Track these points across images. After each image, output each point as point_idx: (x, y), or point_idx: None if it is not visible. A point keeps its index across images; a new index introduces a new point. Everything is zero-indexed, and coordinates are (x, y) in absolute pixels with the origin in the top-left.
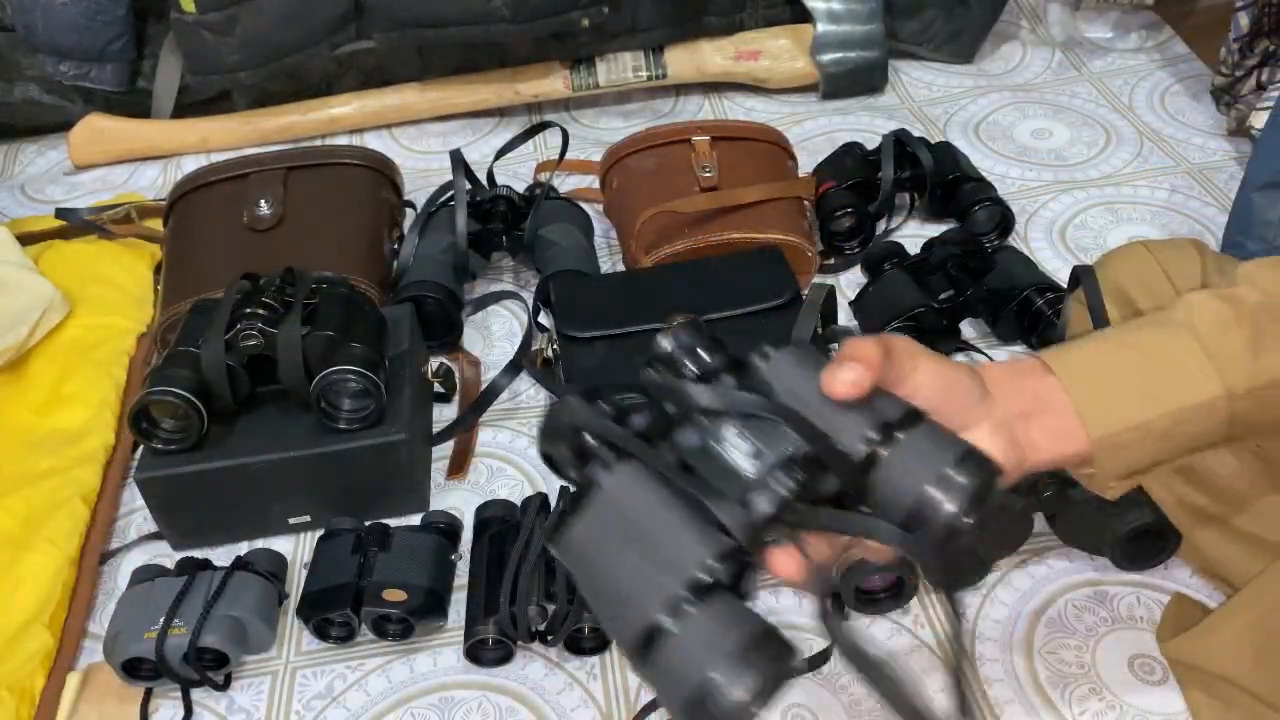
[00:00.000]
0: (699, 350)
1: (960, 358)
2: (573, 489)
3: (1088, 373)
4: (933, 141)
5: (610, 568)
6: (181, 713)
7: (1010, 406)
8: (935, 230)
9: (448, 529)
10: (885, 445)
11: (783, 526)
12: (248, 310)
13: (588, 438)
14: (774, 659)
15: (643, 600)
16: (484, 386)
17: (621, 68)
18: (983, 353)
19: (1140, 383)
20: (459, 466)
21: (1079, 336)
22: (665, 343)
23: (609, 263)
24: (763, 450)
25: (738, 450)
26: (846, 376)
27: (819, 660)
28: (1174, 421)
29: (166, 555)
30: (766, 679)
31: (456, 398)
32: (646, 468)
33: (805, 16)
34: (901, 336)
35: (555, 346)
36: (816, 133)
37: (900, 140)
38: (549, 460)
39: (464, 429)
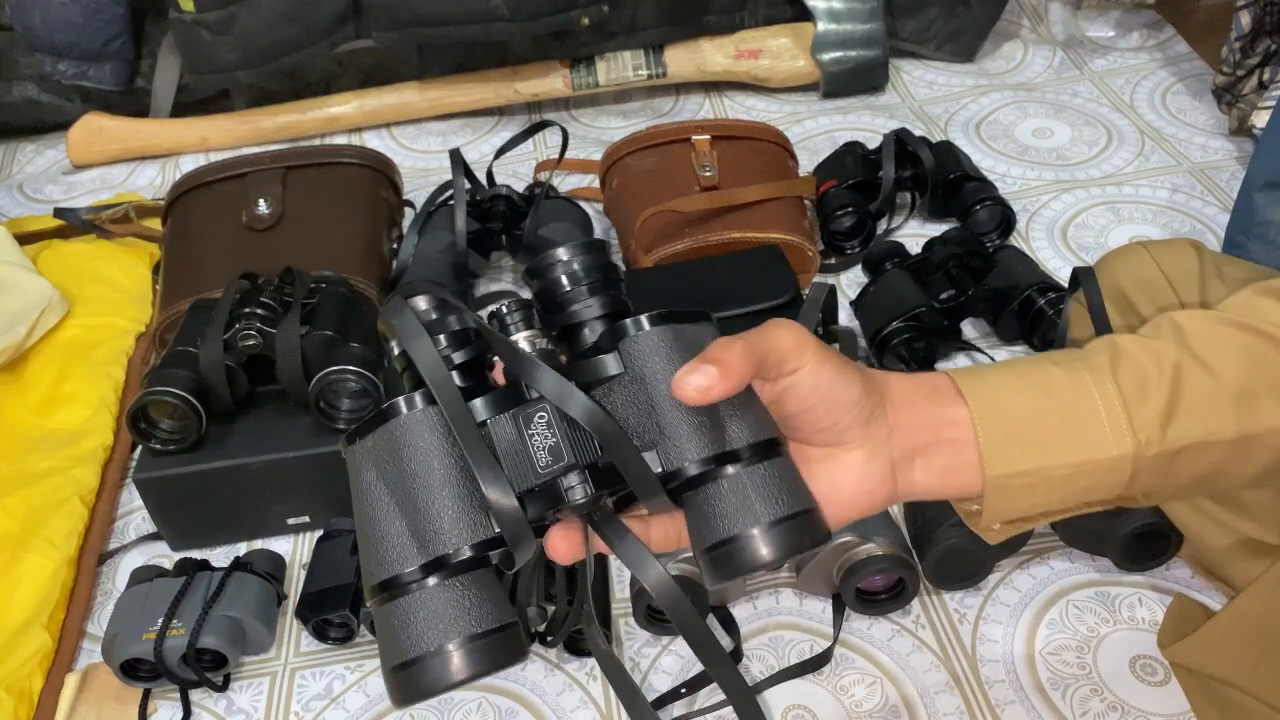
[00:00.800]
0: (578, 276)
1: (962, 358)
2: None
3: (999, 408)
4: (934, 141)
5: (374, 505)
6: (180, 714)
7: (902, 439)
8: (936, 230)
9: None
10: (714, 477)
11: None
12: (246, 310)
13: (410, 352)
14: (493, 653)
15: (392, 554)
16: None
17: (621, 67)
18: (984, 352)
19: (1048, 427)
20: None
21: (996, 364)
22: (553, 259)
23: None
24: (564, 451)
25: (540, 441)
26: (697, 382)
27: (819, 661)
28: (1074, 473)
29: (165, 556)
30: (479, 669)
31: None
32: (447, 422)
33: (806, 15)
34: (797, 329)
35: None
36: (817, 132)
37: (901, 139)
38: (383, 338)
39: None
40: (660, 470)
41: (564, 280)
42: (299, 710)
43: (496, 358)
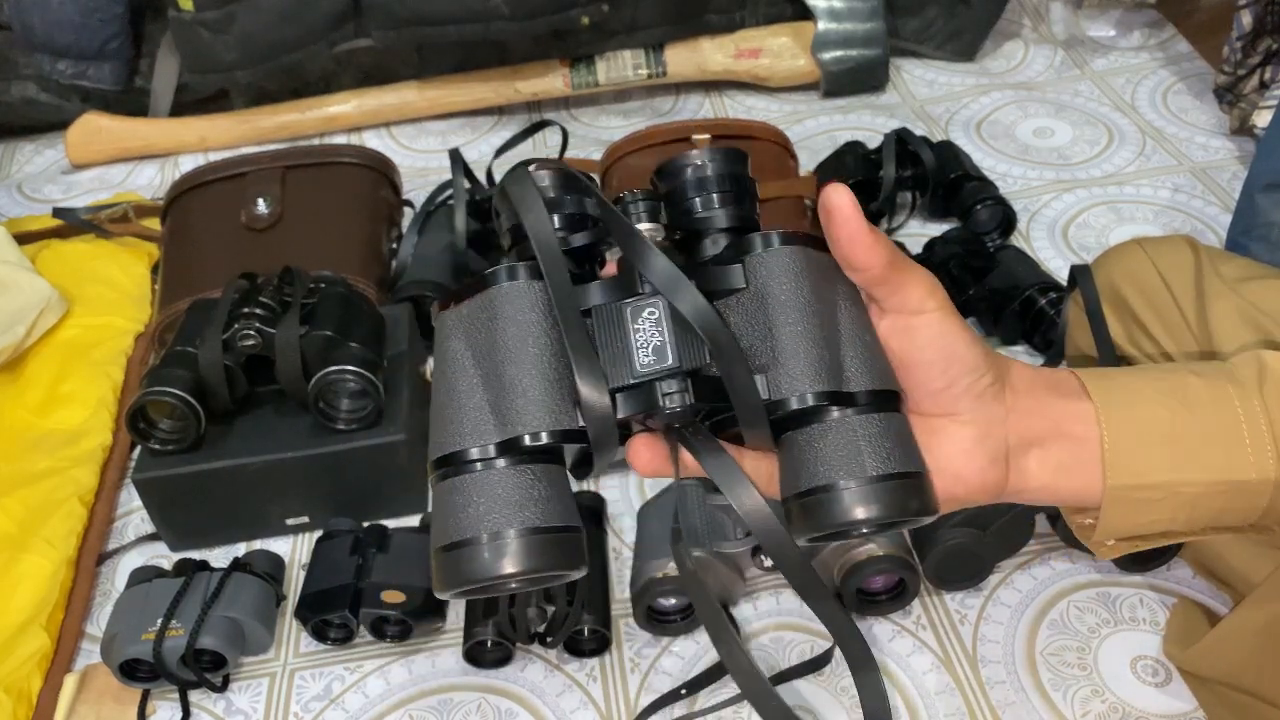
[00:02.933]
0: (708, 182)
1: None
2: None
3: (1129, 412)
4: (934, 140)
5: (455, 375)
6: (179, 714)
7: (1019, 424)
8: (937, 229)
9: None
10: (822, 417)
11: (646, 433)
12: (245, 310)
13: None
14: (553, 551)
15: (465, 427)
16: None
17: (621, 66)
18: None
19: (1183, 439)
20: None
21: (1127, 368)
22: (687, 161)
23: None
24: (668, 353)
25: (644, 338)
26: (839, 200)
27: (820, 662)
28: (1206, 492)
29: (164, 556)
30: (536, 564)
31: None
32: (550, 300)
33: (806, 14)
34: (929, 274)
35: None
36: (817, 131)
37: (902, 139)
38: (496, 215)
39: None
40: (767, 398)
41: (695, 183)
42: (298, 711)
43: (610, 254)
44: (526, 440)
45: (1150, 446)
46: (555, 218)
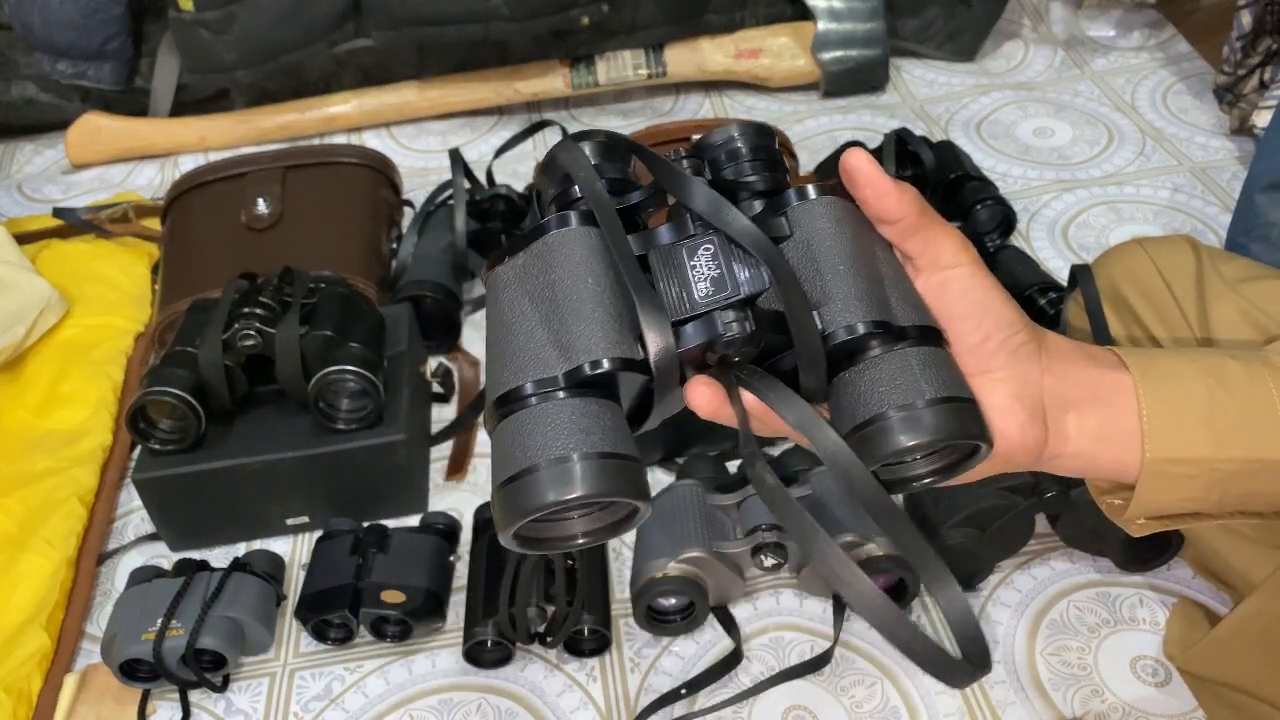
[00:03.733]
0: (740, 153)
1: None
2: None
3: (1168, 386)
4: (934, 140)
5: (513, 320)
6: (179, 714)
7: (1055, 384)
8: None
9: (446, 530)
10: (875, 348)
11: (708, 368)
12: (245, 310)
13: (574, 189)
14: (619, 476)
15: (524, 364)
16: (483, 387)
17: (621, 66)
18: None
19: (1220, 417)
20: (458, 467)
21: (1163, 349)
22: (722, 134)
23: None
24: (726, 281)
25: (700, 270)
26: (863, 161)
27: (820, 662)
28: (1240, 470)
29: (164, 556)
30: (602, 487)
31: (455, 398)
32: (603, 243)
33: (806, 14)
34: (958, 231)
35: None
36: (817, 131)
37: (902, 139)
38: (536, 196)
39: (462, 429)
40: (821, 330)
41: (730, 153)
42: (298, 711)
43: (651, 220)
44: (587, 369)
45: (1188, 422)
46: (601, 181)
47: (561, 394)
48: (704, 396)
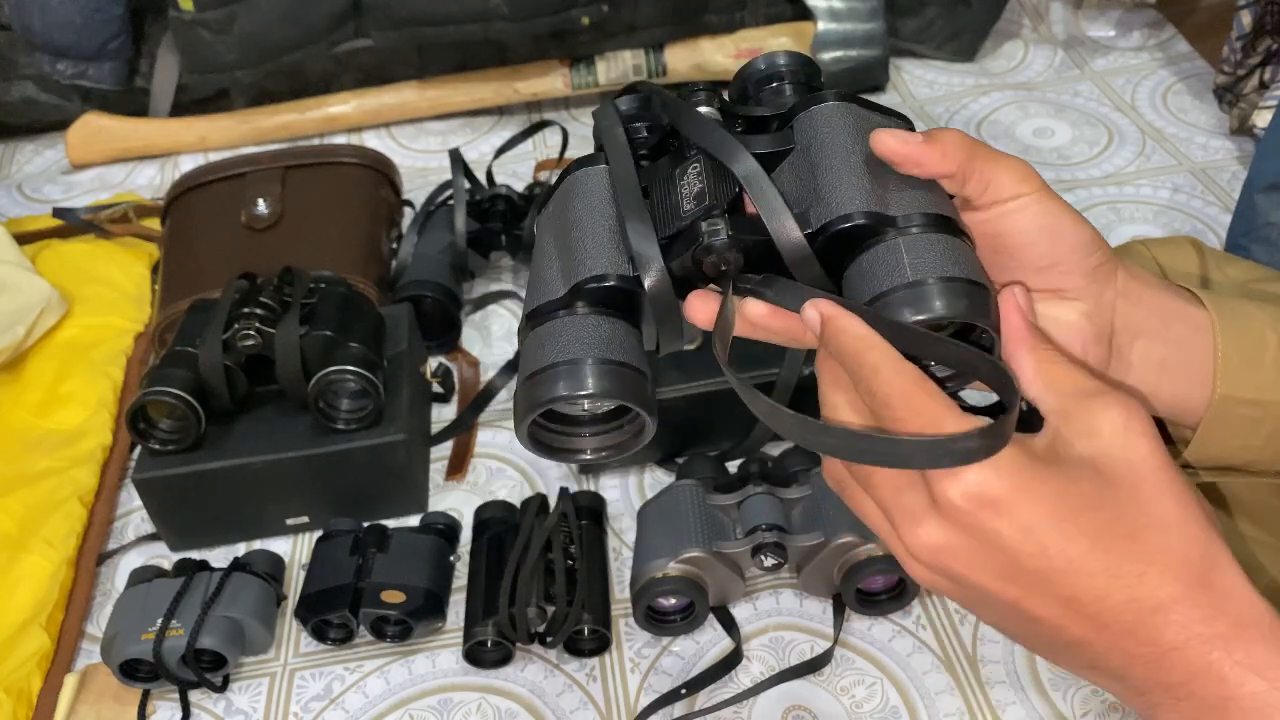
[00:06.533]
0: (765, 78)
1: None
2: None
3: (1243, 326)
4: None
5: (542, 250)
6: (179, 714)
7: (1127, 309)
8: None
9: (446, 530)
10: (877, 238)
11: (699, 277)
12: (245, 310)
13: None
14: (626, 381)
15: (544, 287)
16: (482, 387)
17: (621, 66)
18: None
19: None
20: (458, 467)
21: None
22: (750, 64)
23: None
24: (707, 194)
25: (687, 187)
26: (889, 140)
27: (819, 662)
28: None
29: (164, 556)
30: (609, 387)
31: (455, 398)
32: (611, 186)
33: (806, 14)
34: (1026, 164)
35: None
36: None
37: None
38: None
39: (463, 429)
40: (810, 229)
41: (764, 72)
42: (298, 711)
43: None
44: (590, 285)
45: (1259, 364)
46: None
47: (581, 308)
48: (699, 308)
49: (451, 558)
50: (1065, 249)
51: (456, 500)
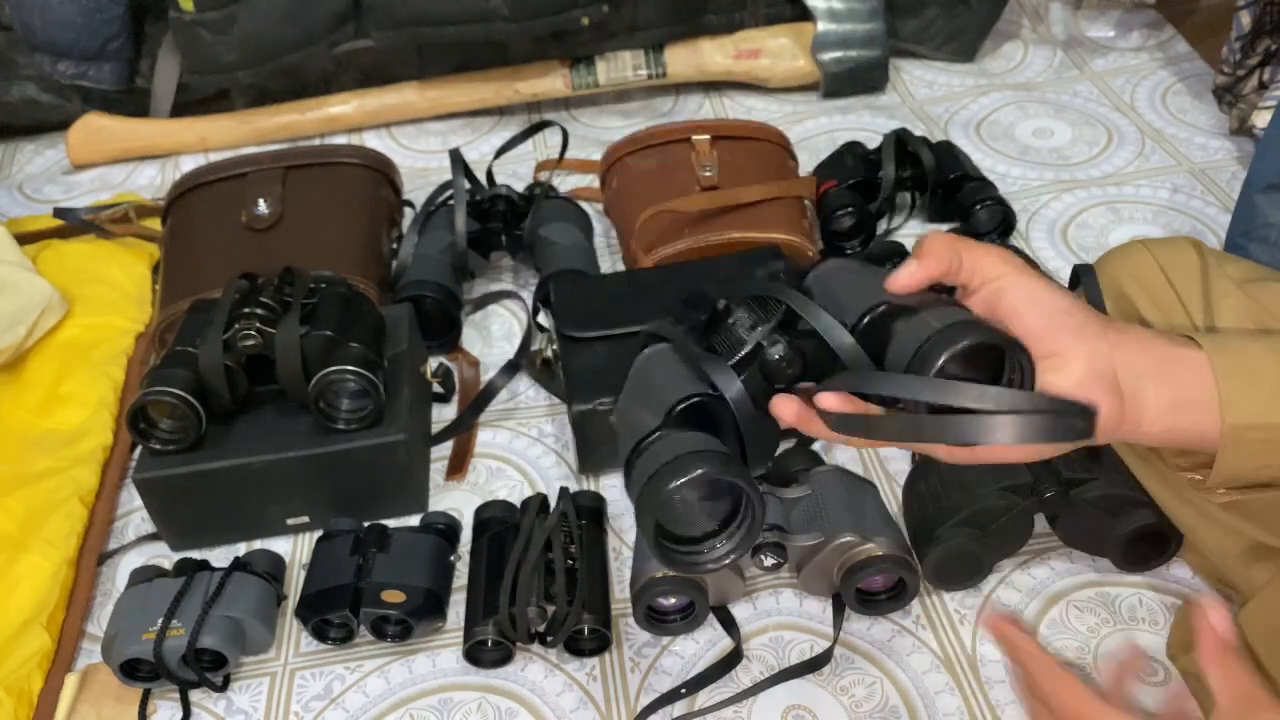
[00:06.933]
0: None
1: None
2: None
3: (1238, 359)
4: (934, 141)
5: (627, 409)
6: (180, 714)
7: (1125, 357)
8: (936, 230)
9: (447, 530)
10: (898, 320)
11: (770, 383)
12: (246, 310)
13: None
14: (707, 464)
15: (635, 430)
16: (483, 387)
17: (621, 66)
18: None
19: None
20: (458, 467)
21: (1223, 332)
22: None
23: (609, 263)
24: (760, 322)
25: (742, 325)
26: (900, 278)
27: (819, 661)
28: None
29: (165, 556)
30: (698, 477)
31: (455, 398)
32: (676, 351)
33: (806, 15)
34: (1004, 253)
35: (555, 346)
36: (817, 132)
37: (901, 139)
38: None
39: (463, 429)
40: (848, 324)
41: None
42: (298, 710)
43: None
44: (680, 406)
45: (1262, 390)
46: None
47: (669, 431)
48: (785, 407)
49: (452, 557)
50: (1047, 314)
51: (457, 500)
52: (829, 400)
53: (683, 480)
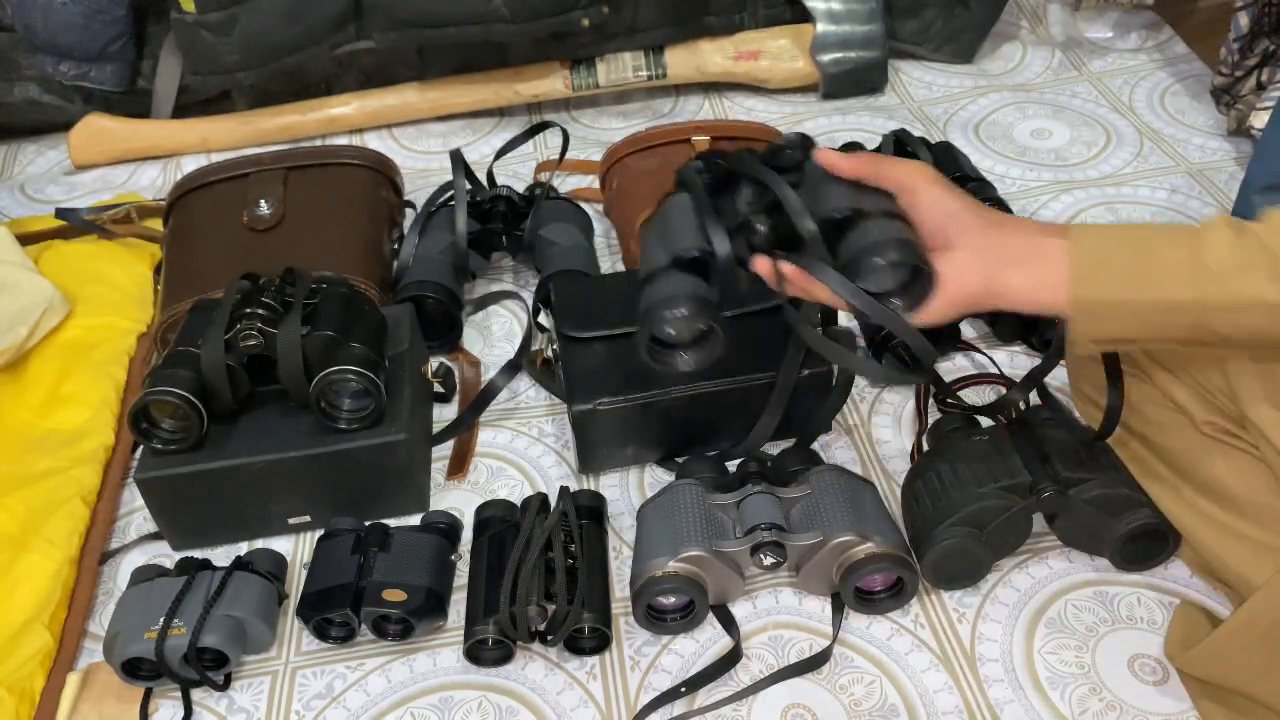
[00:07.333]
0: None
1: (961, 358)
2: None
3: (1095, 247)
4: (933, 141)
5: (649, 239)
6: (181, 713)
7: (1001, 249)
8: None
9: (448, 529)
10: (849, 222)
11: (754, 249)
12: (247, 310)
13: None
14: (699, 306)
15: (650, 260)
16: (483, 386)
17: (621, 68)
18: (983, 353)
19: (1132, 268)
20: (459, 466)
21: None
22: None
23: (609, 263)
24: (753, 200)
25: (743, 199)
26: (829, 156)
27: (818, 660)
28: (1150, 309)
29: (166, 555)
30: (689, 316)
31: (456, 398)
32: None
33: (805, 16)
34: (913, 163)
35: (555, 346)
36: (817, 133)
37: (900, 140)
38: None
39: (463, 429)
40: (819, 215)
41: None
42: (300, 709)
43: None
44: (681, 254)
45: (1108, 273)
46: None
47: (672, 269)
48: (761, 265)
49: (453, 557)
50: (942, 215)
51: (458, 499)
52: (786, 269)
53: (671, 311)
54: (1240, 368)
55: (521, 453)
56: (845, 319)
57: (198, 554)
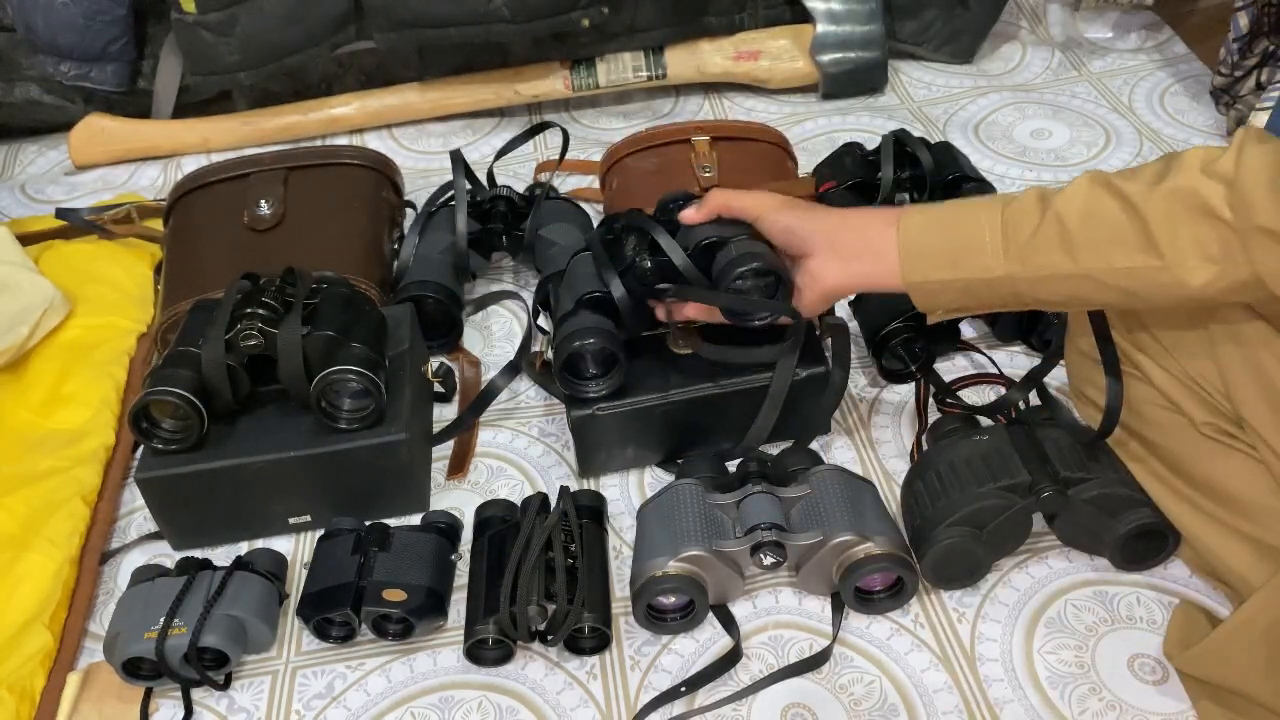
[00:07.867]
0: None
1: (961, 358)
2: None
3: (917, 237)
4: (932, 141)
5: (558, 294)
6: (182, 712)
7: (849, 249)
8: None
9: (448, 529)
10: (715, 246)
11: (642, 284)
12: (248, 310)
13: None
14: (605, 338)
15: (561, 307)
16: (483, 386)
17: (621, 68)
18: (982, 353)
19: (949, 252)
20: (459, 466)
21: (940, 204)
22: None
23: None
24: (639, 244)
25: (629, 244)
26: (689, 212)
27: (818, 660)
28: (970, 284)
29: (167, 555)
30: (587, 343)
31: (456, 398)
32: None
33: (805, 17)
34: (762, 195)
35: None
36: (816, 133)
37: (900, 140)
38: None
39: (464, 429)
40: (689, 249)
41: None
42: (300, 709)
43: None
44: (586, 297)
45: (930, 258)
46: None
47: (579, 310)
48: (657, 308)
49: (453, 556)
50: (784, 235)
51: (458, 499)
52: (679, 306)
53: (578, 343)
54: (1233, 365)
55: (521, 452)
56: (844, 316)
57: (198, 554)
